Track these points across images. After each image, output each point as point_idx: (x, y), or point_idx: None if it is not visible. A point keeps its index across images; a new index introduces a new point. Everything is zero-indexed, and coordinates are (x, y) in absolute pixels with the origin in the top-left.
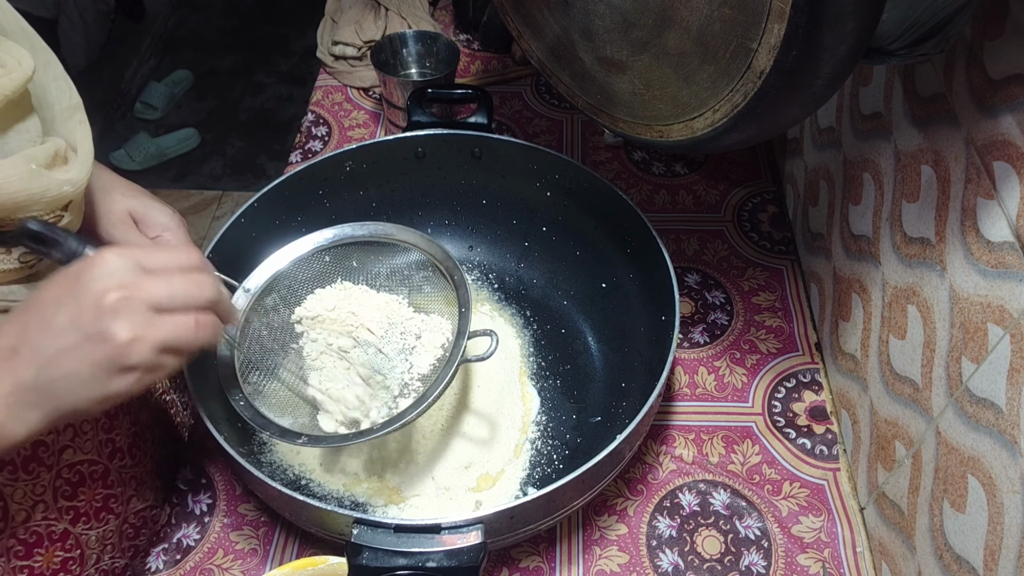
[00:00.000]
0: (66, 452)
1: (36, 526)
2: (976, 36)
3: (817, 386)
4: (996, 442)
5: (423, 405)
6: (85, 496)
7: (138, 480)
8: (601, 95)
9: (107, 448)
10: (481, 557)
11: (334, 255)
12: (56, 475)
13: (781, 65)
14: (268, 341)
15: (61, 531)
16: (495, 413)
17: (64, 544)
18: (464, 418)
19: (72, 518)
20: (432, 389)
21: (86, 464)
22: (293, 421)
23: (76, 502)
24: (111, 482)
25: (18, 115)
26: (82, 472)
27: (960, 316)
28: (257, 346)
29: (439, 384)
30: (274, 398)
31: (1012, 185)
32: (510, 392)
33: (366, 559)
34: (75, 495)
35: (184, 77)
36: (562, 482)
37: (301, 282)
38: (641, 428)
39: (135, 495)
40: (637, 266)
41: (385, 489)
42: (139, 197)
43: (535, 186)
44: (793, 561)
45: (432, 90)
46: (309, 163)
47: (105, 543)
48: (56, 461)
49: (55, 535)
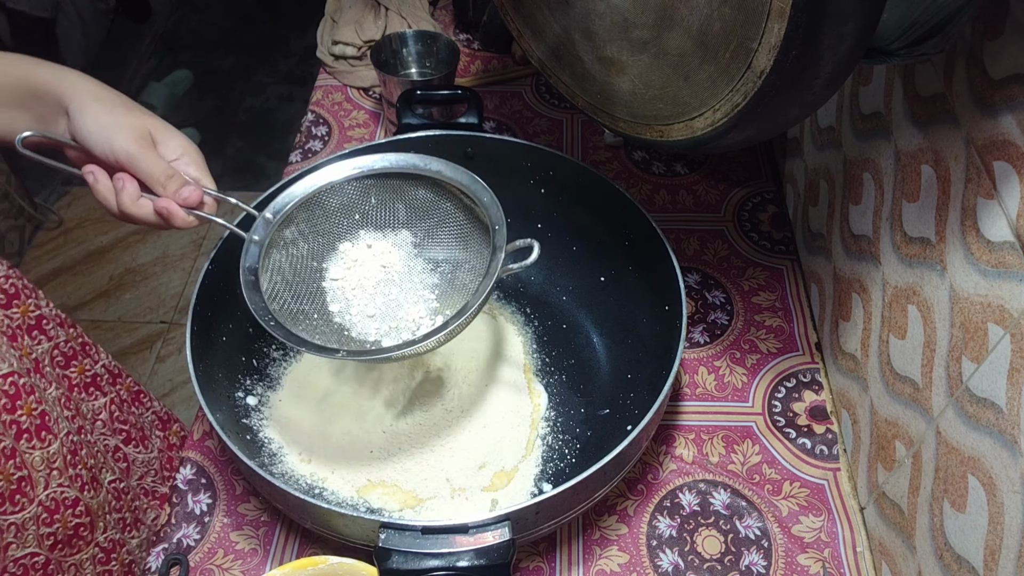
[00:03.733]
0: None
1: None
2: (976, 36)
3: (817, 386)
4: (996, 442)
5: (464, 316)
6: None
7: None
8: (601, 95)
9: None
10: (511, 553)
11: (356, 188)
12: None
13: (781, 65)
14: (289, 274)
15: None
16: (504, 411)
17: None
18: (475, 418)
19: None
20: (473, 300)
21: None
22: (323, 341)
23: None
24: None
25: None
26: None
27: (960, 316)
28: (279, 277)
29: (479, 296)
30: (300, 327)
31: (1012, 185)
32: (518, 389)
33: (396, 563)
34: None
35: (184, 77)
36: (586, 474)
37: (327, 213)
38: (658, 415)
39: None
40: (637, 258)
41: (399, 493)
42: (160, 120)
43: (529, 183)
44: (793, 561)
45: (420, 92)
46: (302, 170)
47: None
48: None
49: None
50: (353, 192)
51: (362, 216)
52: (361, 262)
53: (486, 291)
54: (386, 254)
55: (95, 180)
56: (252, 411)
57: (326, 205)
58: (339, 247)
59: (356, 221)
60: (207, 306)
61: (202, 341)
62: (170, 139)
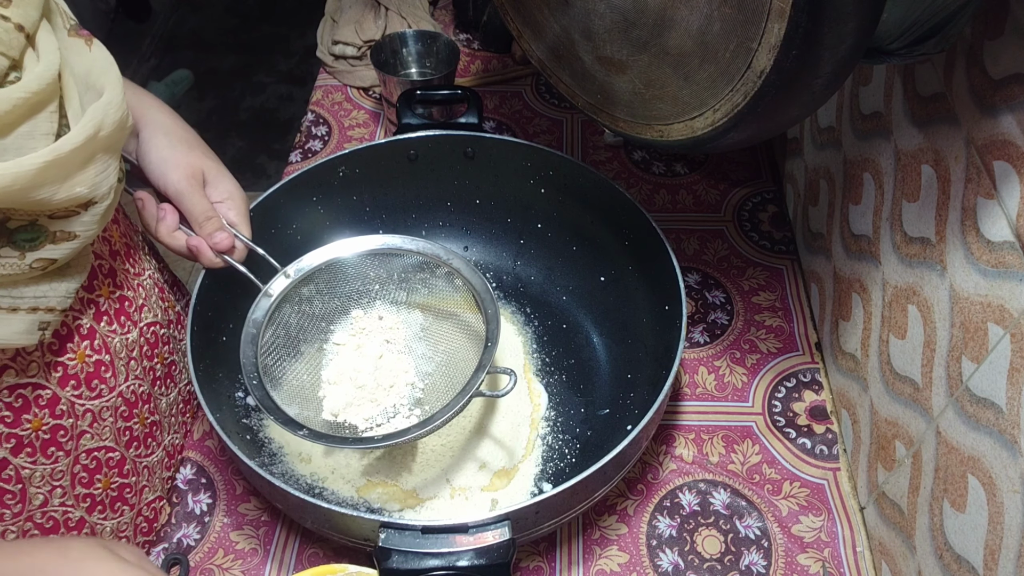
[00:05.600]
0: (84, 437)
1: (53, 511)
2: (976, 36)
3: (817, 386)
4: (996, 442)
5: (429, 427)
6: (101, 484)
7: (150, 470)
8: (601, 95)
9: (124, 436)
10: (511, 553)
11: (376, 263)
12: (74, 460)
13: (781, 65)
14: (294, 329)
15: (77, 519)
16: (505, 411)
17: (79, 533)
18: (474, 418)
19: (88, 506)
20: (440, 414)
21: (103, 451)
22: (299, 412)
23: (93, 489)
24: (127, 472)
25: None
26: (99, 459)
27: (960, 316)
28: (283, 331)
29: (448, 411)
30: (286, 386)
31: (1012, 185)
32: (518, 389)
33: (396, 562)
34: (92, 482)
35: (184, 77)
36: (586, 474)
37: (347, 279)
38: (658, 415)
39: (147, 485)
40: (636, 258)
41: (400, 493)
42: (216, 162)
43: (529, 183)
44: (793, 561)
45: (420, 92)
46: (301, 171)
47: (120, 535)
48: (75, 446)
49: (71, 522)
50: (374, 265)
51: (381, 287)
52: (368, 331)
53: (455, 408)
54: (393, 330)
55: (143, 206)
56: (252, 411)
57: (348, 271)
58: (351, 312)
59: (374, 292)
60: (207, 306)
61: (202, 341)
62: (220, 182)
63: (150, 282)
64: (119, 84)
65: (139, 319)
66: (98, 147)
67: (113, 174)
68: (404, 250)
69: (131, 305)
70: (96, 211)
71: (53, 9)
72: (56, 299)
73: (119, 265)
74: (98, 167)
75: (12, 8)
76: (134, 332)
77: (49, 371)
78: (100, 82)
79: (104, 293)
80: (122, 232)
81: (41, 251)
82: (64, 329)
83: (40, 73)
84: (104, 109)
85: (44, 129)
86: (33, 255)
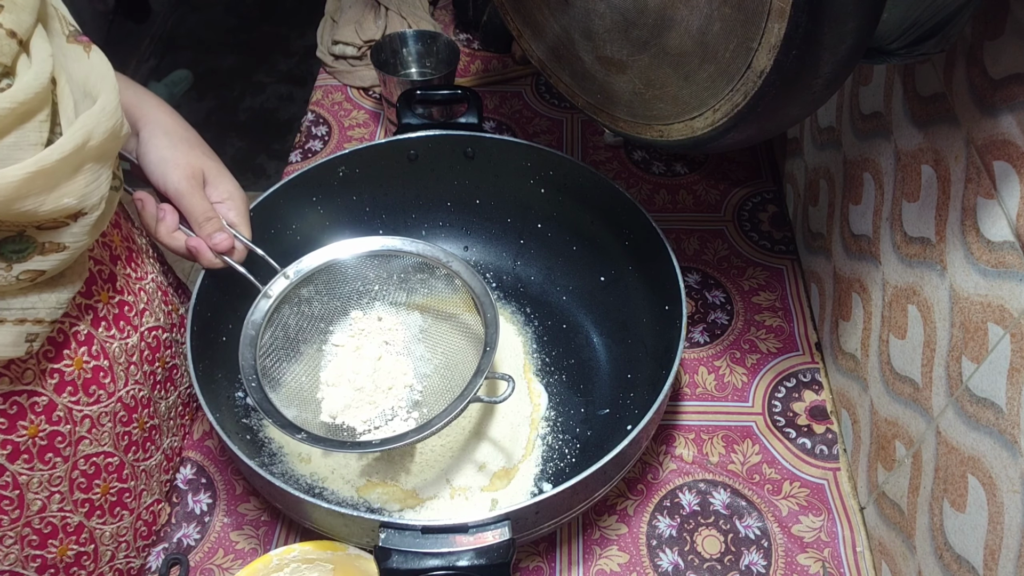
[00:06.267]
0: (82, 443)
1: (52, 517)
2: (976, 36)
3: (817, 386)
4: (996, 442)
5: (426, 432)
6: (100, 489)
7: (148, 474)
8: (601, 94)
9: (124, 441)
10: (511, 553)
11: (376, 265)
12: (73, 466)
13: (781, 65)
14: (293, 331)
15: (76, 524)
16: (505, 411)
17: (79, 538)
18: (474, 418)
19: (87, 511)
20: (438, 420)
21: (102, 456)
22: (297, 414)
23: (92, 495)
24: (126, 476)
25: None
26: (98, 464)
27: (960, 316)
28: (282, 332)
29: (446, 416)
30: (285, 387)
31: (1012, 185)
32: (518, 389)
33: (396, 562)
34: (90, 487)
35: (184, 77)
36: (586, 474)
37: (347, 279)
38: (658, 415)
39: (145, 489)
40: (636, 258)
41: (399, 493)
42: (217, 161)
43: (529, 183)
44: (793, 561)
45: (420, 92)
46: (301, 171)
47: (119, 540)
48: (73, 452)
49: (70, 527)
50: (374, 266)
51: (381, 288)
52: (367, 333)
53: (452, 414)
54: (392, 331)
55: (143, 207)
56: (252, 411)
57: (347, 272)
58: (351, 313)
59: (374, 293)
60: (207, 306)
61: (202, 341)
62: (220, 183)
63: (152, 286)
64: (114, 91)
65: (140, 324)
66: (88, 157)
67: (105, 184)
68: (403, 251)
69: (131, 310)
70: (86, 222)
71: (51, 14)
72: (45, 311)
73: (119, 270)
74: (88, 177)
75: (4, 13)
76: (134, 337)
77: (45, 378)
78: (96, 89)
79: (103, 298)
80: (123, 236)
81: (29, 263)
82: (60, 336)
83: (28, 83)
84: (96, 117)
85: (32, 139)
86: (20, 267)
